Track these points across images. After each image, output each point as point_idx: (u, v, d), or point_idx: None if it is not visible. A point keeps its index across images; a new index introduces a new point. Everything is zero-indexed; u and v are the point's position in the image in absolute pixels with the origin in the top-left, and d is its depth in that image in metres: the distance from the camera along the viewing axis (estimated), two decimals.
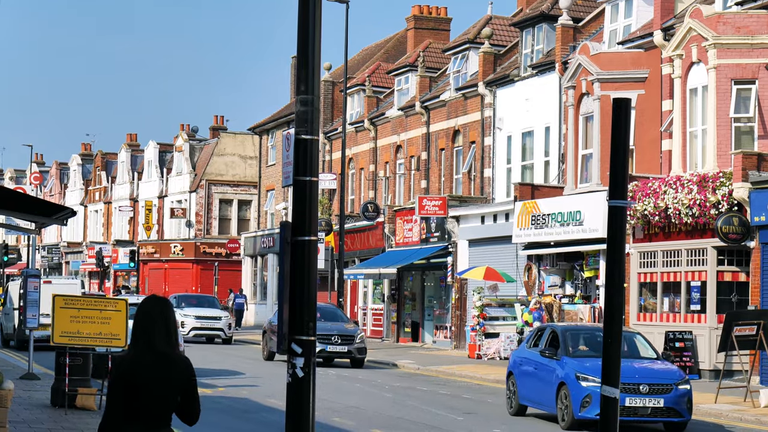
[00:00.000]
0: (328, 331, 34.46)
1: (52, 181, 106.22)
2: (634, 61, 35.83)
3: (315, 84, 8.99)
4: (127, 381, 7.31)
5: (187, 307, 48.07)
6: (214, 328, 47.61)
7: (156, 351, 7.40)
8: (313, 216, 8.89)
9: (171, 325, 7.50)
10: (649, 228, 33.30)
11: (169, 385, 7.38)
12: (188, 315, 47.35)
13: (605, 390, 8.54)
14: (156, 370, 7.35)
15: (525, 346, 23.83)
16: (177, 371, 7.43)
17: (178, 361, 7.46)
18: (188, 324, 46.89)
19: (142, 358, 7.37)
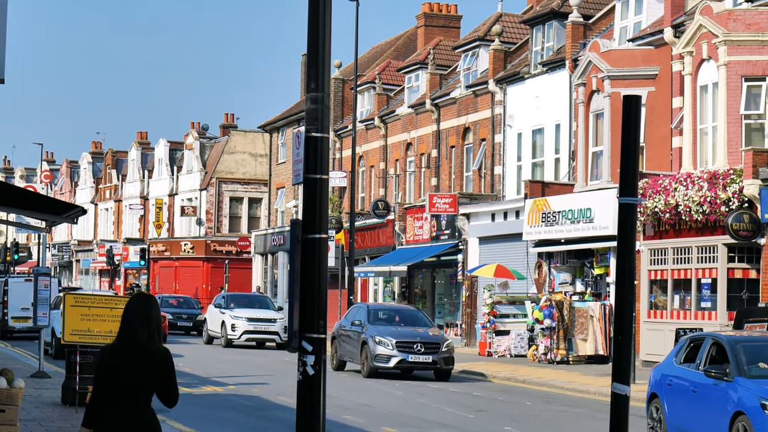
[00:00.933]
0: (409, 337, 30.79)
1: (62, 179, 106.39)
2: (645, 58, 35.79)
3: (325, 82, 8.99)
4: (110, 368, 8.18)
5: (237, 307, 44.10)
6: (269, 332, 43.22)
7: (136, 343, 8.26)
8: (324, 214, 8.89)
9: (152, 321, 8.32)
10: (660, 225, 33.27)
11: (148, 373, 8.24)
12: (239, 317, 43.30)
13: (616, 387, 8.54)
14: (136, 359, 8.21)
15: (673, 360, 19.01)
16: (155, 361, 8.28)
17: (156, 352, 8.30)
18: (239, 327, 43.02)
19: (124, 348, 8.24)
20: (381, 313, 33.08)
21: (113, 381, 8.20)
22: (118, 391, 8.20)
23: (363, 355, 30.97)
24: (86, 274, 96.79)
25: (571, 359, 35.46)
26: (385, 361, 30.27)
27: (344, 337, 32.74)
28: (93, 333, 19.84)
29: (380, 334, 30.64)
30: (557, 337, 35.48)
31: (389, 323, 32.13)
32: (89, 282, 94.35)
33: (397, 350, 30.25)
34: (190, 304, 56.34)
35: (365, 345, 30.83)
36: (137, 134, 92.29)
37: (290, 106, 69.35)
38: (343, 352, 32.85)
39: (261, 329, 43.14)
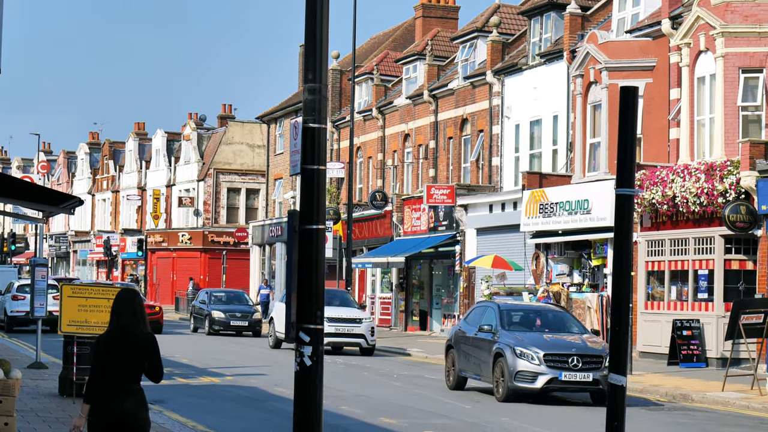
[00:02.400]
0: (562, 348, 23.30)
1: (59, 170, 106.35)
2: (642, 50, 35.78)
3: (323, 72, 8.99)
4: (105, 351, 9.62)
5: None
6: (353, 334, 36.17)
7: (125, 329, 9.68)
8: (321, 205, 8.89)
9: (138, 310, 9.78)
10: (657, 216, 33.29)
11: (136, 354, 9.61)
12: None
13: (613, 378, 8.55)
14: (125, 343, 9.63)
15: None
16: (143, 344, 9.67)
17: (143, 337, 9.70)
18: None
19: (115, 333, 9.69)
20: (517, 315, 25.26)
21: (107, 362, 9.59)
22: (111, 371, 9.56)
23: (497, 372, 23.52)
24: (83, 264, 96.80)
25: None
26: (529, 381, 22.82)
27: (466, 346, 25.33)
28: (90, 324, 19.85)
29: (521, 344, 23.27)
30: None
31: (529, 328, 24.63)
32: (86, 273, 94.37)
33: (545, 366, 22.82)
34: (243, 299, 49.61)
35: (500, 358, 23.42)
36: (134, 125, 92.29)
37: (288, 96, 69.34)
38: (464, 365, 25.31)
39: (344, 331, 35.95)
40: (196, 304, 49.30)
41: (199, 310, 48.41)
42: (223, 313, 46.45)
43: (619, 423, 8.60)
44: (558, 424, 19.82)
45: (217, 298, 48.59)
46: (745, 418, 21.75)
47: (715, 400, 23.93)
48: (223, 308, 46.90)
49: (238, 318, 46.59)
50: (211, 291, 50.29)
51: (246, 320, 46.74)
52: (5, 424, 14.72)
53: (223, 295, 49.27)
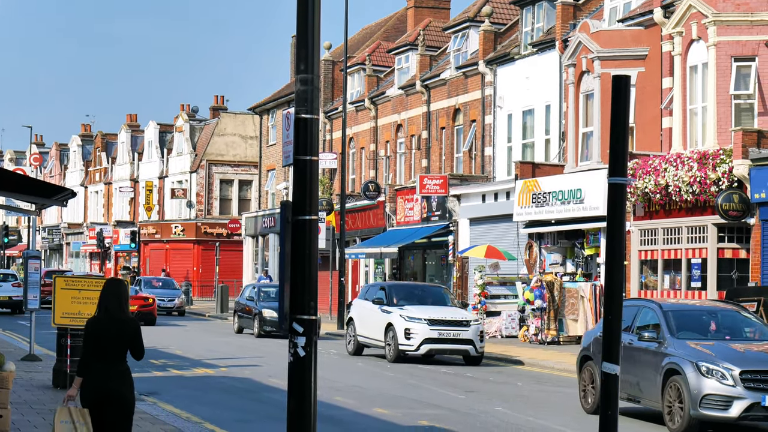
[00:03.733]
0: (762, 364, 17.58)
1: (52, 162, 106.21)
2: (635, 39, 35.79)
3: (315, 63, 8.99)
4: (93, 334, 10.78)
5: (408, 304, 30.99)
6: (459, 340, 29.83)
7: (111, 315, 10.79)
8: (314, 195, 8.89)
9: (123, 298, 10.89)
10: (650, 205, 33.33)
11: (121, 337, 10.75)
12: (415, 318, 29.97)
13: (605, 367, 8.56)
14: (111, 327, 10.74)
15: None
16: (127, 328, 10.79)
17: (127, 321, 10.83)
18: (417, 333, 29.71)
19: (102, 319, 10.80)
20: (686, 317, 19.37)
21: (96, 344, 10.74)
22: (100, 352, 10.71)
23: (669, 394, 17.94)
24: (77, 257, 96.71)
25: (562, 340, 35.54)
26: (721, 408, 17.25)
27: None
28: (83, 315, 19.80)
29: (707, 359, 17.61)
30: (548, 317, 35.54)
31: (704, 335, 18.93)
32: (80, 265, 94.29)
33: (743, 387, 17.21)
34: None
35: (674, 376, 17.88)
36: (127, 117, 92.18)
37: (280, 87, 69.29)
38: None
39: (448, 336, 29.76)
40: (242, 301, 42.41)
41: (244, 308, 41.68)
42: (276, 312, 38.54)
43: (613, 412, 8.61)
44: None
45: (267, 293, 41.57)
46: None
47: None
48: (276, 306, 38.32)
49: None
50: (260, 286, 43.53)
51: None
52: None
53: (274, 290, 41.73)
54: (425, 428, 17.45)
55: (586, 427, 17.80)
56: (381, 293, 31.73)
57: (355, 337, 32.14)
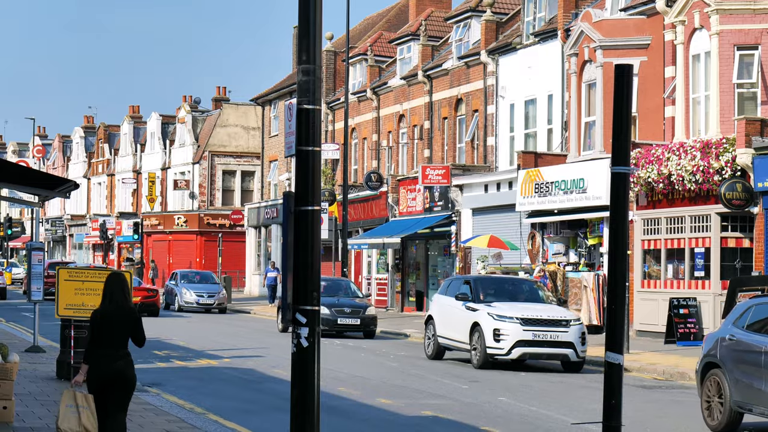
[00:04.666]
0: None
1: (55, 154, 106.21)
2: (637, 28, 35.74)
3: (317, 54, 8.97)
4: (98, 322, 11.80)
5: (496, 300, 26.86)
6: (558, 343, 25.67)
7: (116, 304, 11.82)
8: (317, 186, 8.89)
9: (125, 289, 11.96)
10: (653, 195, 33.30)
11: (125, 326, 11.79)
12: (505, 317, 25.80)
13: (609, 356, 8.56)
14: (115, 316, 11.77)
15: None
16: (129, 317, 11.83)
17: (129, 311, 11.89)
18: (508, 335, 25.56)
19: (107, 308, 11.82)
20: None
21: (103, 333, 11.77)
22: (106, 339, 11.74)
23: None
24: (80, 248, 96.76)
25: None
26: None
27: (754, 367, 15.92)
28: (87, 307, 19.81)
29: None
30: None
31: None
32: (83, 256, 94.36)
33: None
34: (348, 289, 38.56)
35: None
36: (129, 108, 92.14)
37: (282, 78, 69.25)
38: (747, 397, 15.95)
39: (545, 338, 25.63)
40: None
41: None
42: (328, 309, 35.11)
43: (617, 401, 8.61)
44: None
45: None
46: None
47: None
48: (327, 302, 35.15)
49: (347, 315, 35.83)
50: None
51: (357, 317, 35.82)
52: (3, 407, 14.74)
53: (325, 285, 36.91)
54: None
55: (588, 416, 17.80)
56: (465, 288, 27.37)
57: (435, 338, 28.05)
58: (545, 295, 27.87)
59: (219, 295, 51.17)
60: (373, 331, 36.20)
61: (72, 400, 11.71)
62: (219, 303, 51.08)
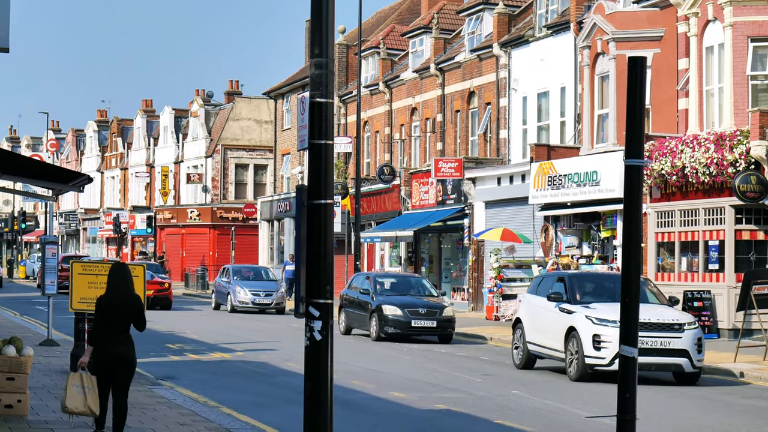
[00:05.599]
0: None
1: (68, 148, 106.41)
2: (650, 20, 35.65)
3: (329, 47, 8.97)
4: (103, 309, 12.82)
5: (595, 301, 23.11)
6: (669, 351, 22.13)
7: (119, 292, 12.85)
8: (329, 179, 8.89)
9: (128, 279, 12.97)
10: (666, 187, 33.23)
11: (126, 311, 12.80)
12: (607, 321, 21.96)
13: (624, 349, 8.54)
14: (118, 303, 12.81)
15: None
16: (131, 304, 12.86)
17: (131, 298, 12.89)
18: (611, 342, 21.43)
19: (111, 296, 12.86)
20: None
21: (105, 317, 12.78)
22: (110, 324, 12.77)
23: None
24: (93, 242, 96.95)
25: None
26: None
27: None
28: None
29: None
30: None
31: None
32: (96, 250, 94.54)
33: None
34: (422, 287, 34.27)
35: None
36: (142, 102, 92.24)
37: (295, 72, 69.23)
38: None
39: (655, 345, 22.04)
40: (351, 294, 34.34)
41: (356, 301, 33.80)
42: (400, 309, 31.62)
43: (631, 395, 8.60)
44: None
45: (384, 286, 33.72)
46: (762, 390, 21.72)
47: (728, 371, 23.90)
48: (399, 301, 32.06)
49: (422, 316, 31.63)
50: (375, 276, 35.08)
51: (432, 319, 31.56)
52: (18, 401, 14.78)
53: (394, 282, 34.25)
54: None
55: (600, 410, 17.77)
56: (559, 286, 23.87)
57: (525, 344, 24.54)
58: (654, 293, 23.92)
59: (277, 294, 45.42)
60: (450, 334, 31.79)
61: (78, 381, 12.74)
62: (277, 303, 45.26)
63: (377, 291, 32.94)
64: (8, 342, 15.08)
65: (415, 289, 33.82)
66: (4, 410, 14.70)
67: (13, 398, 14.76)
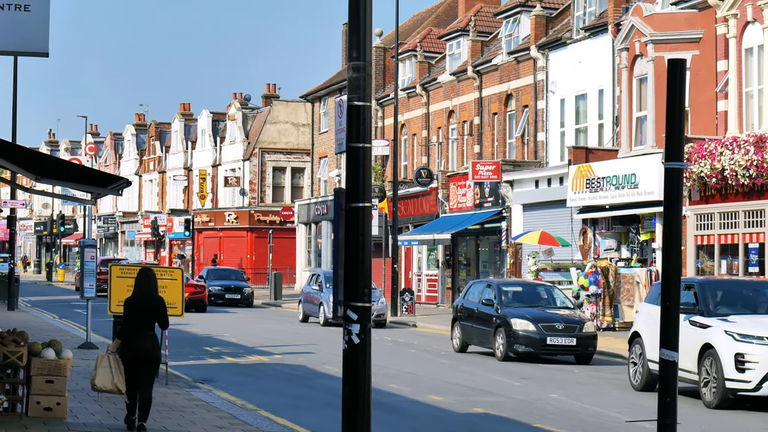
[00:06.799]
0: None
1: (107, 151, 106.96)
2: (688, 22, 35.46)
3: (367, 50, 8.95)
4: (131, 308, 14.27)
5: (734, 313, 20.16)
6: None
7: (145, 295, 14.31)
8: (367, 182, 8.87)
9: (152, 281, 14.41)
10: (705, 190, 33.03)
11: (152, 312, 14.28)
12: (752, 337, 19.03)
13: (664, 353, 8.48)
14: (144, 303, 14.27)
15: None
16: (156, 306, 14.34)
17: (156, 299, 14.37)
18: (758, 362, 18.72)
19: (138, 297, 14.32)
20: None
21: (132, 315, 14.21)
22: (136, 322, 14.18)
23: None
24: (131, 245, 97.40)
25: (617, 326, 35.33)
26: None
27: None
28: None
29: None
30: (603, 303, 35.36)
31: None
32: (134, 253, 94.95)
33: None
34: (560, 300, 29.27)
35: None
36: (180, 105, 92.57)
37: (332, 75, 69.32)
38: None
39: None
40: (469, 305, 29.53)
41: (477, 314, 28.84)
42: (533, 324, 26.97)
43: (672, 399, 8.53)
44: None
45: (509, 295, 28.87)
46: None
47: None
48: (531, 314, 27.42)
49: (559, 333, 26.98)
50: (499, 284, 29.62)
51: (571, 336, 26.91)
52: (57, 403, 14.84)
53: (520, 291, 29.47)
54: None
55: (640, 413, 17.67)
56: (688, 295, 20.37)
57: (646, 362, 21.29)
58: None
59: (378, 304, 38.53)
60: (590, 354, 27.18)
61: (107, 363, 14.24)
62: (378, 315, 38.41)
63: (502, 302, 28.06)
64: (47, 345, 15.16)
65: (546, 299, 28.98)
66: (44, 413, 14.77)
67: (53, 401, 14.83)
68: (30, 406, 14.78)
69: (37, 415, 14.74)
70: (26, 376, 14.77)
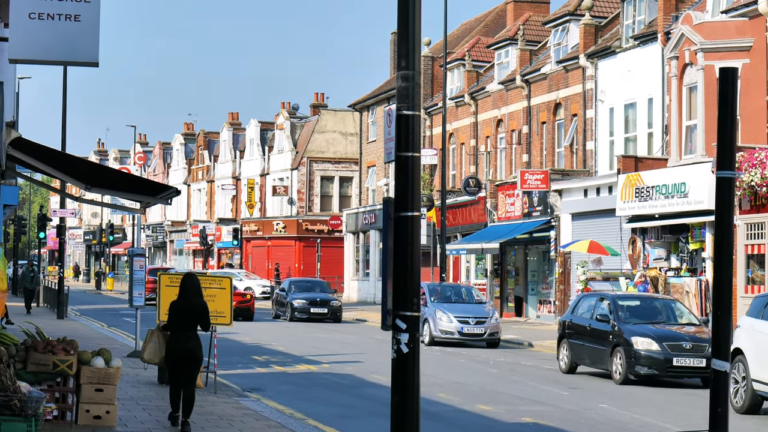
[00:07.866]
0: None
1: (155, 160, 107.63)
2: (739, 30, 35.21)
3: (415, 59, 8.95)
4: (176, 312, 15.13)
5: None
6: None
7: (188, 298, 15.19)
8: (416, 192, 8.86)
9: (197, 286, 15.35)
10: (756, 199, 32.76)
11: (194, 316, 15.10)
12: None
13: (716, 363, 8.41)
14: (188, 307, 15.13)
15: None
16: (199, 308, 15.16)
17: (198, 304, 15.20)
18: None
19: (183, 302, 15.18)
20: None
21: (176, 318, 15.08)
22: (180, 325, 15.07)
23: None
24: (180, 254, 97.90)
25: None
26: None
27: None
28: None
29: None
30: None
31: None
32: (183, 262, 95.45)
33: None
34: (685, 316, 26.36)
35: None
36: (228, 115, 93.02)
37: (380, 84, 69.40)
38: None
39: None
40: (575, 320, 26.77)
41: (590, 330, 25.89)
42: (657, 343, 24.06)
43: (723, 409, 8.45)
44: None
45: (626, 309, 25.83)
46: None
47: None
48: (654, 332, 24.50)
49: (688, 352, 24.07)
50: (614, 297, 26.51)
51: (700, 356, 23.91)
52: (106, 412, 14.93)
53: (637, 305, 26.35)
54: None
55: (690, 424, 17.53)
56: None
57: (749, 383, 19.32)
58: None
59: (491, 321, 34.93)
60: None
61: (156, 337, 16.24)
62: (491, 333, 34.72)
63: (620, 318, 25.08)
64: (97, 354, 15.25)
65: (666, 314, 25.95)
66: (93, 421, 14.86)
67: (102, 409, 14.91)
68: (79, 415, 14.87)
69: (86, 423, 14.83)
70: (76, 385, 14.87)
